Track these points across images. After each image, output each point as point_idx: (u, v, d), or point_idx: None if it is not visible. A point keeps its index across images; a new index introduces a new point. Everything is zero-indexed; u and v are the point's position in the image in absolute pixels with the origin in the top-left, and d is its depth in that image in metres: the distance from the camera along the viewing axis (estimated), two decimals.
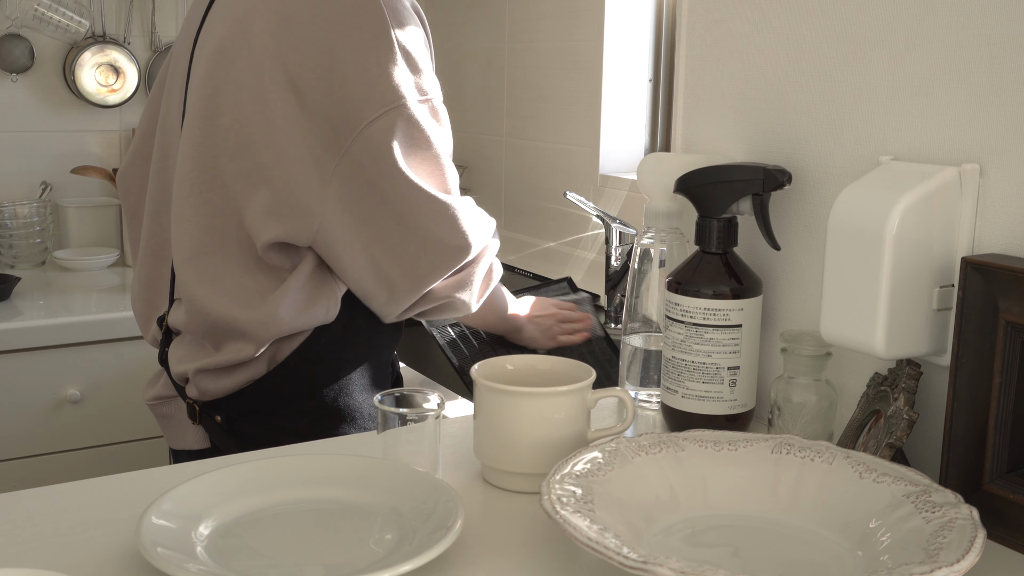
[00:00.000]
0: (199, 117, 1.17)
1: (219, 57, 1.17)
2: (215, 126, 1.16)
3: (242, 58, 1.15)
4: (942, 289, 0.90)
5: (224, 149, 1.16)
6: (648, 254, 1.14)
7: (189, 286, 1.19)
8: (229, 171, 1.16)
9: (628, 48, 2.23)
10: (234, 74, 1.16)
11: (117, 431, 2.10)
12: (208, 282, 1.18)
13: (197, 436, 1.27)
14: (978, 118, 0.90)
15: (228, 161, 1.16)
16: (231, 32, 1.17)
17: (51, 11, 2.41)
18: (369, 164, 1.14)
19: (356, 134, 1.13)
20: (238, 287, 1.18)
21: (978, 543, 0.70)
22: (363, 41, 1.13)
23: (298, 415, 1.23)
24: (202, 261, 1.18)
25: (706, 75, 1.19)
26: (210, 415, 1.23)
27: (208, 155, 1.17)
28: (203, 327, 1.20)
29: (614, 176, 2.21)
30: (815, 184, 1.05)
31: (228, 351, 1.19)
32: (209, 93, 1.17)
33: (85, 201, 2.53)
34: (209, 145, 1.17)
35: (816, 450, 0.87)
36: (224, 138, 1.16)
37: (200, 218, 1.18)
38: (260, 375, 1.21)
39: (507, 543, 0.83)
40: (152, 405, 1.33)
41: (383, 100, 1.13)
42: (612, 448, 0.87)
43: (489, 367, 0.97)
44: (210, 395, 1.22)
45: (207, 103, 1.17)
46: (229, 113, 1.16)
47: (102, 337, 2.06)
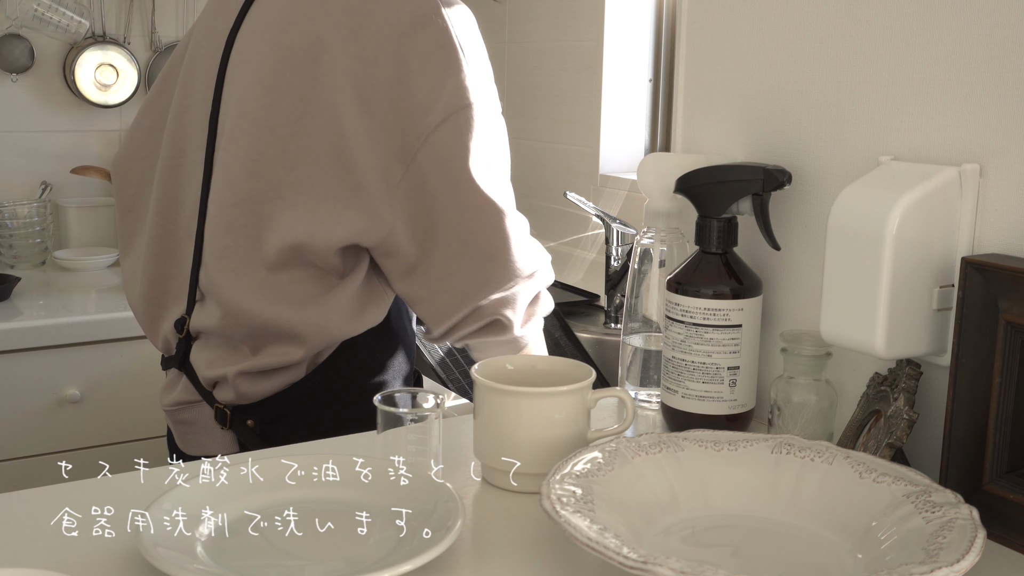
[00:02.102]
0: (256, 126, 1.15)
1: (280, 67, 1.15)
2: (274, 137, 1.14)
3: (308, 69, 1.13)
4: (942, 289, 0.90)
5: (282, 160, 1.14)
6: (648, 254, 1.14)
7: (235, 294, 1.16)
8: (286, 183, 1.14)
9: (628, 48, 2.23)
10: (298, 85, 1.14)
11: (117, 431, 2.10)
12: (258, 290, 1.16)
13: (222, 441, 1.23)
14: (978, 118, 0.90)
15: (285, 173, 1.14)
16: (294, 43, 1.15)
17: (51, 11, 2.41)
18: (435, 171, 1.13)
19: (423, 141, 1.12)
20: (289, 293, 1.16)
21: (978, 543, 0.70)
22: (428, 48, 1.12)
23: (332, 417, 1.21)
24: (252, 270, 1.16)
25: (706, 75, 1.19)
26: (242, 420, 1.21)
27: (265, 165, 1.15)
28: (247, 330, 1.17)
29: (614, 176, 2.21)
30: (815, 184, 1.05)
31: (271, 354, 1.17)
32: (269, 103, 1.14)
33: (85, 201, 2.53)
34: (268, 156, 1.14)
35: (816, 450, 0.87)
36: (283, 149, 1.14)
37: (252, 229, 1.15)
38: (300, 377, 1.20)
39: (507, 543, 0.83)
40: (171, 411, 1.29)
41: (449, 104, 1.12)
42: (612, 448, 0.87)
43: (489, 367, 0.97)
44: (248, 398, 1.20)
45: (267, 113, 1.14)
46: (288, 124, 1.14)
47: (102, 337, 2.06)
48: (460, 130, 1.13)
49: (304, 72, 1.14)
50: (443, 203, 1.14)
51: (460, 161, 1.13)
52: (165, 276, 1.29)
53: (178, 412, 1.28)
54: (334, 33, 1.13)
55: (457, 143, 1.12)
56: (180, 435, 1.30)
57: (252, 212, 1.16)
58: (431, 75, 1.12)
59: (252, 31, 1.20)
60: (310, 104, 1.14)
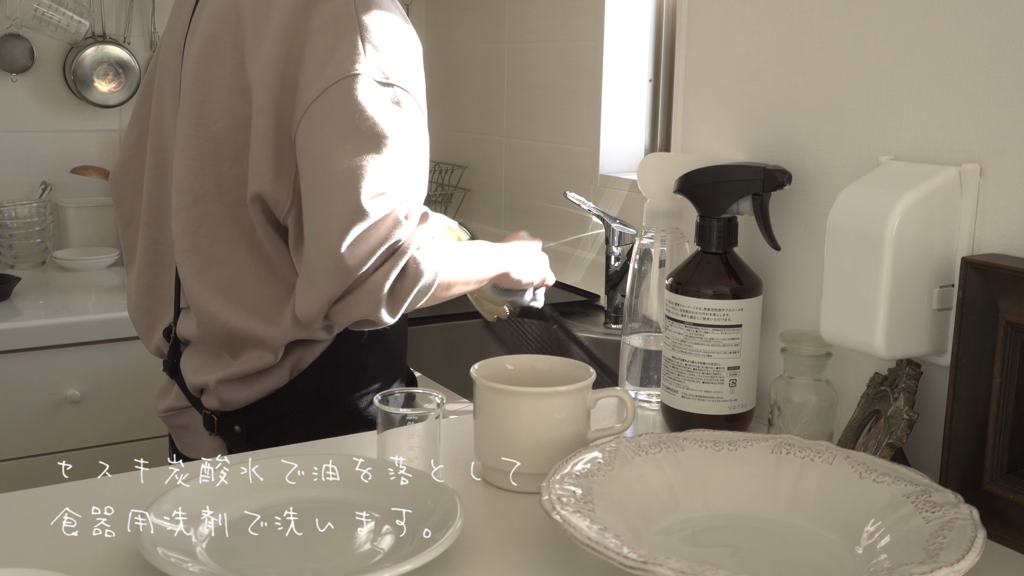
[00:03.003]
0: (192, 124, 1.14)
1: (204, 60, 1.14)
2: (210, 132, 1.13)
3: (229, 59, 1.13)
4: (942, 289, 0.90)
5: (224, 155, 1.14)
6: (648, 254, 1.14)
7: (201, 298, 1.16)
8: (231, 177, 1.14)
9: (628, 48, 2.23)
10: (223, 76, 1.13)
11: (117, 431, 2.10)
12: (221, 293, 1.16)
13: (214, 446, 1.24)
14: (978, 118, 0.90)
15: (229, 167, 1.14)
16: (215, 33, 1.14)
17: (51, 11, 2.41)
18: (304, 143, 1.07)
19: (301, 116, 1.08)
20: (252, 296, 1.16)
21: (978, 543, 0.70)
22: (323, 21, 1.09)
23: (319, 423, 1.20)
24: (213, 272, 1.16)
25: (706, 75, 1.19)
26: (229, 425, 1.21)
27: (208, 163, 1.14)
28: (219, 337, 1.18)
29: (614, 176, 2.21)
30: (815, 184, 1.05)
31: (247, 359, 1.17)
32: (200, 99, 1.14)
33: (85, 201, 2.53)
34: (207, 153, 1.14)
35: (816, 450, 0.87)
36: (221, 143, 1.13)
37: (206, 229, 1.15)
38: (283, 383, 1.20)
39: (507, 543, 0.83)
40: (166, 417, 1.30)
41: (332, 75, 1.07)
42: (612, 448, 0.87)
43: (489, 367, 0.97)
44: (232, 405, 1.20)
45: (200, 109, 1.14)
46: (223, 117, 1.13)
47: (102, 337, 2.06)
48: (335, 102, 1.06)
49: (227, 62, 1.13)
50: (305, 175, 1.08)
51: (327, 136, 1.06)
52: (156, 286, 1.30)
53: (172, 418, 1.30)
54: (246, 17, 1.12)
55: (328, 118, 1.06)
56: (177, 439, 1.31)
57: (205, 213, 1.15)
58: (323, 47, 1.08)
59: (193, 30, 1.20)
60: (237, 94, 1.12)
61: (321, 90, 1.07)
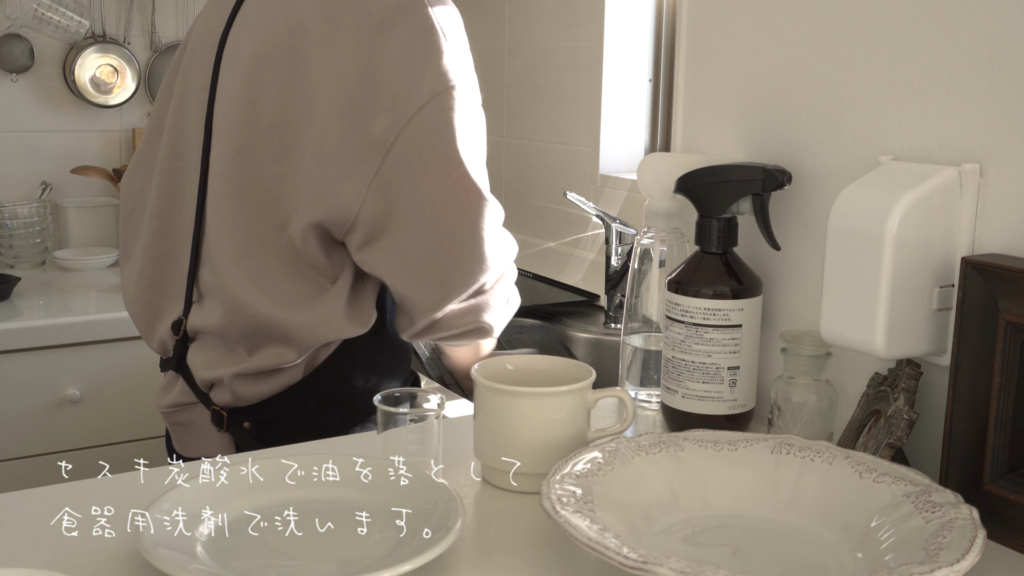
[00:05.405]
0: (241, 118, 1.16)
1: (262, 59, 1.16)
2: (257, 128, 1.15)
3: (289, 60, 1.14)
4: (942, 289, 0.90)
5: (267, 152, 1.15)
6: (648, 254, 1.14)
7: (235, 287, 1.17)
8: (272, 174, 1.15)
9: (628, 48, 2.23)
10: (279, 76, 1.15)
11: (117, 431, 2.10)
12: (255, 284, 1.16)
13: (218, 444, 1.23)
14: (978, 118, 0.90)
15: (271, 164, 1.15)
16: (275, 34, 1.16)
17: (51, 11, 2.41)
18: (417, 153, 1.12)
19: (406, 122, 1.11)
20: (281, 291, 1.16)
21: (978, 543, 0.70)
22: (409, 35, 1.12)
23: (329, 419, 1.21)
24: (248, 261, 1.17)
25: (706, 75, 1.19)
26: (238, 422, 1.21)
27: (250, 157, 1.16)
28: (244, 329, 1.18)
29: (614, 176, 2.22)
30: (815, 184, 1.05)
31: (266, 355, 1.17)
32: (252, 96, 1.15)
33: (85, 201, 2.53)
34: (252, 148, 1.15)
35: (816, 450, 0.87)
36: (267, 141, 1.15)
37: (242, 220, 1.17)
38: (297, 380, 1.20)
39: (507, 543, 0.83)
40: (168, 413, 1.29)
41: (433, 86, 1.11)
42: (612, 448, 0.87)
43: (489, 367, 0.97)
44: (244, 400, 1.20)
45: (251, 105, 1.15)
46: (271, 116, 1.15)
47: (102, 337, 2.06)
48: (444, 110, 1.12)
49: (285, 63, 1.15)
50: (425, 183, 1.12)
51: (447, 140, 1.12)
52: (162, 279, 1.30)
53: (175, 414, 1.28)
54: (313, 22, 1.14)
55: (442, 123, 1.12)
56: (177, 437, 1.30)
57: (243, 204, 1.17)
58: (413, 61, 1.12)
59: (240, 28, 1.22)
60: (292, 95, 1.14)
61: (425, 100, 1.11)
